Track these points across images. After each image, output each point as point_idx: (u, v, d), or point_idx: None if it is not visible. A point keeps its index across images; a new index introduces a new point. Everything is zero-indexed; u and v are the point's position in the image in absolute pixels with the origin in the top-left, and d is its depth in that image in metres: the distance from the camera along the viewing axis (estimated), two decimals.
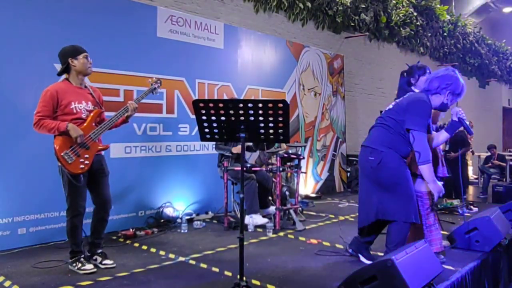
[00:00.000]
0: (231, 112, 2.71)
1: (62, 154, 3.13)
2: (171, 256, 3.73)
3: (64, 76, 3.38)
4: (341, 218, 5.48)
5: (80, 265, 3.28)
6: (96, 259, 3.43)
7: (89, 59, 3.34)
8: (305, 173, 7.07)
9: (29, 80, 4.01)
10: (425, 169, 3.09)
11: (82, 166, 3.21)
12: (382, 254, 3.49)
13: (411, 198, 3.21)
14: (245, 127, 2.73)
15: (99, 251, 3.48)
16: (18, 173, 3.95)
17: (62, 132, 3.14)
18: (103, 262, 3.42)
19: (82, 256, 3.35)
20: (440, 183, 3.17)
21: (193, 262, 3.58)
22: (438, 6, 11.62)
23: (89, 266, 3.28)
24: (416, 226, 3.43)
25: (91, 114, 3.34)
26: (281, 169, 4.87)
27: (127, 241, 4.22)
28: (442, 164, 3.87)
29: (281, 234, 4.58)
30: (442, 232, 4.49)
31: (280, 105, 2.64)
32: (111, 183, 4.54)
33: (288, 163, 5.17)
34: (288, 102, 2.68)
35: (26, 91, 3.99)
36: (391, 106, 3.36)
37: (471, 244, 3.80)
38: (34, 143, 4.01)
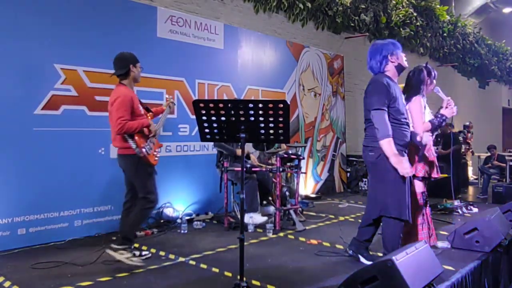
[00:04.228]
0: (231, 112, 2.70)
1: (143, 145, 3.46)
2: (171, 256, 3.73)
3: (116, 80, 3.60)
4: (341, 218, 5.48)
5: (131, 255, 3.42)
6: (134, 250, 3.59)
7: None
8: (305, 173, 7.07)
9: (29, 80, 4.01)
10: (385, 144, 3.12)
11: (156, 158, 3.62)
12: (381, 254, 3.49)
13: (405, 195, 3.22)
14: (245, 128, 2.73)
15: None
16: (18, 173, 3.95)
17: (145, 126, 3.51)
18: (143, 253, 3.65)
19: (132, 247, 3.53)
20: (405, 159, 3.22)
21: (193, 263, 3.58)
22: (438, 6, 11.62)
23: (138, 259, 3.46)
24: (409, 225, 3.49)
25: (152, 115, 3.79)
26: (281, 169, 4.87)
27: None
28: (436, 165, 3.88)
29: (281, 234, 4.58)
30: (442, 232, 4.50)
31: (280, 105, 2.64)
32: (111, 183, 4.56)
33: (288, 164, 5.17)
34: (288, 103, 2.67)
35: (26, 91, 3.99)
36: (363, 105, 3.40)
37: (471, 245, 3.79)
38: (34, 143, 4.02)
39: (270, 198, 5.27)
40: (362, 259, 3.52)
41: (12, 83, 3.93)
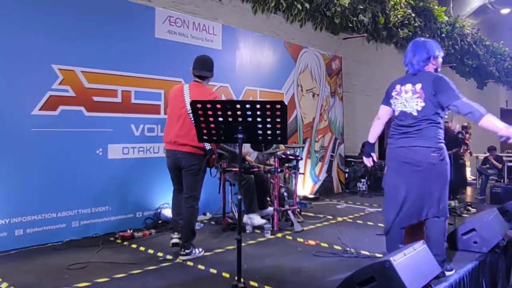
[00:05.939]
0: (229, 113, 2.70)
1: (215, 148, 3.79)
2: (169, 257, 3.72)
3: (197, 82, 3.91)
4: (339, 219, 5.48)
5: (197, 250, 3.75)
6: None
7: None
8: (303, 174, 7.07)
9: (26, 80, 4.00)
10: (486, 122, 3.01)
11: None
12: (380, 255, 3.48)
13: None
14: (243, 128, 2.73)
15: None
16: (15, 174, 3.93)
17: None
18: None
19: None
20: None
21: (191, 264, 3.57)
22: (436, 7, 11.64)
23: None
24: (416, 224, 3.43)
25: None
26: (279, 170, 4.86)
27: (125, 242, 4.20)
28: None
29: (279, 235, 4.57)
30: None
31: (278, 106, 2.64)
32: (108, 184, 4.55)
33: (286, 164, 5.16)
34: (286, 103, 2.67)
35: (23, 91, 3.98)
36: (423, 104, 3.19)
37: (469, 245, 3.80)
38: (31, 144, 4.01)
39: (268, 198, 5.27)
40: None
41: (10, 83, 3.92)
